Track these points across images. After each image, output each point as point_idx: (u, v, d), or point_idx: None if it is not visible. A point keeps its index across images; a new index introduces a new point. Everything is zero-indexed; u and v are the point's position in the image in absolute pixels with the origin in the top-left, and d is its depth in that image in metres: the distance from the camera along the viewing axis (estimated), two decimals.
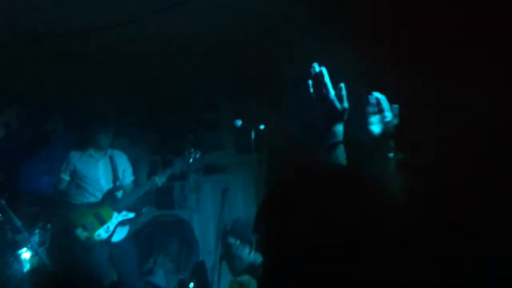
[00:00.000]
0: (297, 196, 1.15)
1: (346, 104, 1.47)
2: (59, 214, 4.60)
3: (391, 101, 1.82)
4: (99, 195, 4.58)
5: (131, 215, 4.58)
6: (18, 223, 4.24)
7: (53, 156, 5.61)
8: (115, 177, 4.66)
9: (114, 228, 4.47)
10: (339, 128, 1.46)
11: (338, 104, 1.46)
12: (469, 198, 1.43)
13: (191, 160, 4.71)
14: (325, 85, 1.46)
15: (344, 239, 1.11)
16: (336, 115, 1.46)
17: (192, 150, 4.77)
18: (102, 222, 4.46)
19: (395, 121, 1.77)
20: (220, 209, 5.18)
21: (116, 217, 4.52)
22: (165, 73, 5.80)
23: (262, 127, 4.76)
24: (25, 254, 4.41)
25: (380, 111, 1.76)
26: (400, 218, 1.22)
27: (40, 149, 5.77)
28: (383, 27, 3.76)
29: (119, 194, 4.65)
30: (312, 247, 1.10)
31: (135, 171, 5.07)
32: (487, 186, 1.46)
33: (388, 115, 1.78)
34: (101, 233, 4.42)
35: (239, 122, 4.61)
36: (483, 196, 1.43)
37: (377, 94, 1.80)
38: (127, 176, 4.79)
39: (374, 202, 1.17)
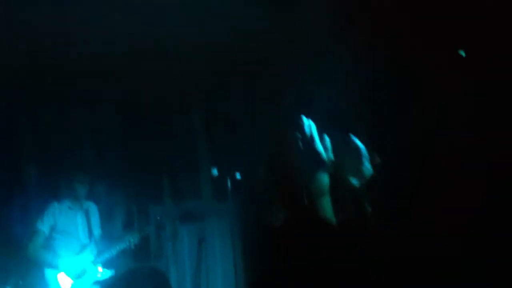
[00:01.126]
0: None
1: (331, 156, 1.52)
2: (33, 269, 4.55)
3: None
4: (77, 249, 4.54)
5: (106, 271, 4.56)
6: None
7: (28, 205, 5.54)
8: (91, 232, 4.63)
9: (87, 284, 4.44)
10: (324, 177, 1.53)
11: (323, 155, 1.54)
12: (467, 197, 1.47)
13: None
14: (311, 137, 1.55)
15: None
16: (320, 165, 1.56)
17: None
18: (77, 276, 4.42)
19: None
20: (196, 259, 5.14)
21: (90, 273, 4.48)
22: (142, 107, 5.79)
23: (238, 176, 4.79)
24: None
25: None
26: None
27: (15, 197, 5.69)
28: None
29: (94, 249, 4.61)
30: None
31: (111, 220, 5.05)
32: (486, 186, 1.51)
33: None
34: None
35: (215, 171, 4.66)
36: (482, 196, 1.47)
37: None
38: (97, 228, 4.77)
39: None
